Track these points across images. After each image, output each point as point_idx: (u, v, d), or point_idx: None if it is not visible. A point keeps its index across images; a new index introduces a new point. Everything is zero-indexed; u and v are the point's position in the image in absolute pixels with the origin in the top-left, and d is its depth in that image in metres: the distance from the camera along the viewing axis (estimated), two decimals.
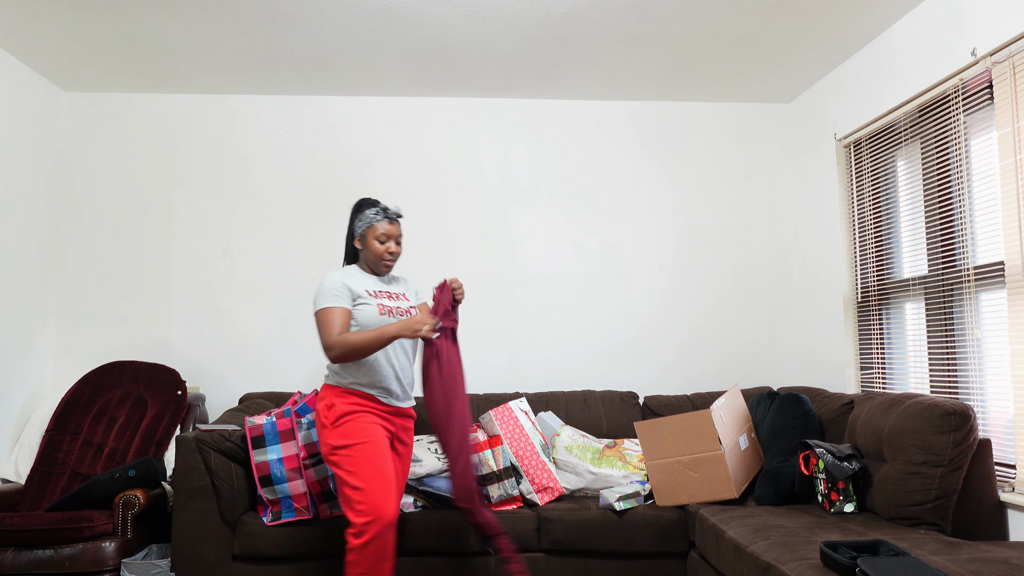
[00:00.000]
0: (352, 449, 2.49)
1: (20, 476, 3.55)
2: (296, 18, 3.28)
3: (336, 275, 2.63)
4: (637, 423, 3.19)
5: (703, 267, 4.27)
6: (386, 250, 2.68)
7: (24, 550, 2.94)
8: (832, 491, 2.82)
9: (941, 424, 2.56)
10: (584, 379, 4.16)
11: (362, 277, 2.69)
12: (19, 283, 3.72)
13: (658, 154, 4.31)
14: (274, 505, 2.97)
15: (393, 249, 2.69)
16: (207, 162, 4.13)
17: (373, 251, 2.67)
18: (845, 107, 3.77)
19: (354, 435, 2.52)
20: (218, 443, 3.01)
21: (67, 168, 4.08)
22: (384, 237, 2.67)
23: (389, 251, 2.68)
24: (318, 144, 4.17)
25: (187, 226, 4.09)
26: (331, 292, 2.58)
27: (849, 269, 3.78)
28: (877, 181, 3.57)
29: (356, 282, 2.65)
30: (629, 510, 3.06)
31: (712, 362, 4.22)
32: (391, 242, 2.69)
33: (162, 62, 3.72)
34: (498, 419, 3.37)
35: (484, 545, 2.70)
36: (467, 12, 3.25)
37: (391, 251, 2.68)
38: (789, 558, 2.20)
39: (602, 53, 3.66)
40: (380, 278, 2.75)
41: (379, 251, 2.67)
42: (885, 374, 3.53)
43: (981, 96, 2.87)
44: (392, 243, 2.69)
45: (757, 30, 3.44)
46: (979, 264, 2.88)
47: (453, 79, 3.98)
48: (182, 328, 4.04)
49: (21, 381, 3.74)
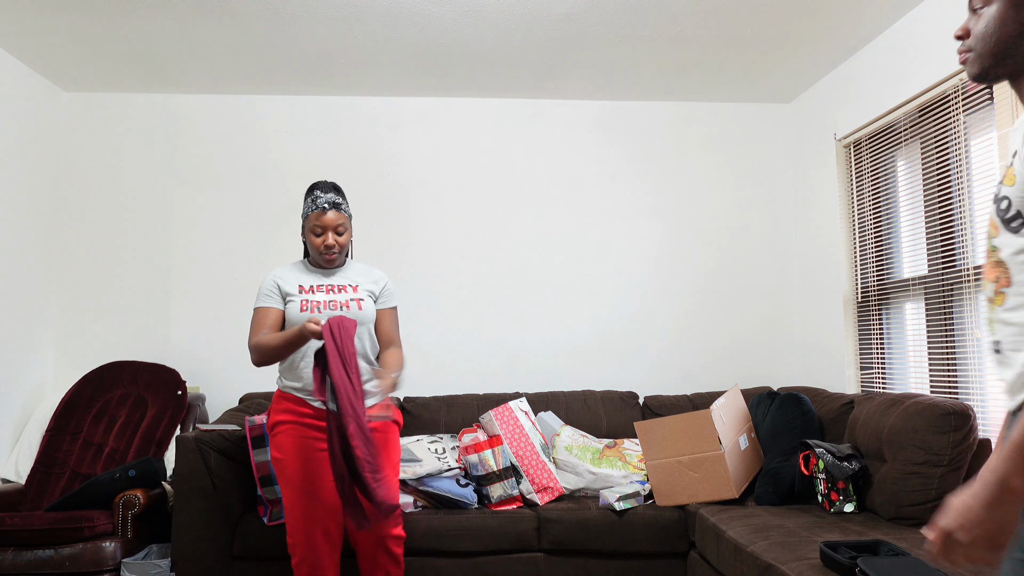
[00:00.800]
0: (282, 465, 2.37)
1: (20, 476, 3.55)
2: (296, 18, 3.28)
3: (271, 273, 2.50)
4: (637, 423, 3.19)
5: (703, 267, 4.27)
6: (322, 243, 2.43)
7: (24, 550, 2.94)
8: (832, 491, 2.82)
9: (941, 424, 2.56)
10: (584, 379, 4.16)
11: (299, 272, 2.52)
12: (19, 283, 3.72)
13: (658, 154, 4.31)
14: (274, 505, 2.97)
15: (330, 241, 2.43)
16: (207, 162, 4.13)
17: (311, 244, 2.46)
18: (845, 107, 3.77)
19: (281, 449, 2.38)
20: (218, 443, 3.00)
21: (67, 168, 4.08)
22: (318, 229, 2.43)
23: (325, 244, 2.43)
24: (318, 144, 4.17)
25: (187, 226, 4.09)
26: (261, 292, 2.47)
27: (849, 269, 3.78)
28: (877, 181, 3.57)
29: (290, 278, 2.48)
30: (629, 510, 3.06)
31: (712, 362, 4.22)
32: (328, 233, 2.43)
33: (162, 62, 3.72)
34: (498, 419, 3.37)
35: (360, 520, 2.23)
36: (467, 12, 3.25)
37: (327, 244, 2.43)
38: (789, 558, 2.20)
39: (602, 53, 3.66)
40: (325, 271, 2.54)
41: (315, 244, 2.44)
42: (885, 374, 3.53)
43: (981, 96, 2.87)
44: (329, 235, 2.43)
45: (757, 30, 3.44)
46: (979, 264, 2.88)
47: (453, 79, 3.98)
48: (182, 328, 4.04)
49: (21, 381, 3.74)
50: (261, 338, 2.35)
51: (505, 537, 3.00)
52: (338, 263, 2.52)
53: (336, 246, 2.45)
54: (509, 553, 3.02)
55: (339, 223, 2.45)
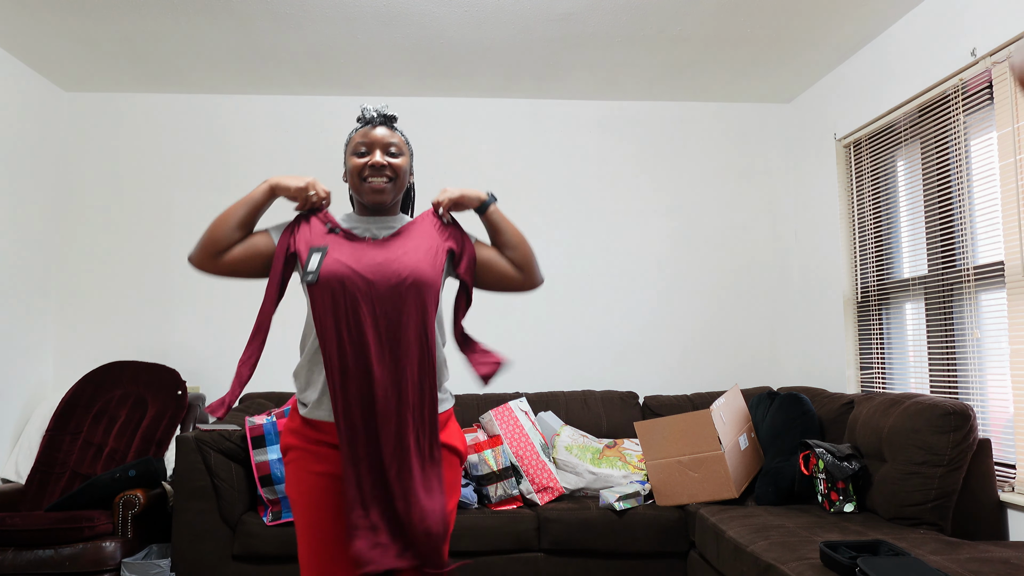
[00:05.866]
0: (292, 503, 1.72)
1: (20, 476, 3.55)
2: (296, 18, 3.28)
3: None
4: (637, 423, 3.19)
5: (703, 267, 4.27)
6: (365, 164, 1.74)
7: (24, 550, 2.94)
8: (832, 491, 2.82)
9: (941, 424, 2.56)
10: (584, 379, 4.16)
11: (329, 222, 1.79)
12: (19, 283, 3.72)
13: (658, 154, 4.31)
14: (274, 505, 2.97)
15: (376, 161, 1.73)
16: (207, 162, 4.13)
17: (351, 173, 1.77)
18: (845, 107, 3.77)
19: (289, 484, 1.72)
20: (218, 443, 3.01)
21: (67, 168, 4.08)
22: (361, 147, 1.75)
23: (370, 164, 1.73)
24: (318, 144, 4.17)
25: (187, 226, 4.09)
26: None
27: (849, 269, 3.78)
28: (877, 181, 3.57)
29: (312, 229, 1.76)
30: (629, 510, 3.06)
31: (712, 362, 4.22)
32: (376, 152, 1.74)
33: (162, 62, 3.73)
34: (498, 419, 3.37)
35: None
36: (467, 12, 3.25)
37: (373, 164, 1.73)
38: (789, 558, 2.20)
39: (602, 53, 3.66)
40: (369, 218, 1.82)
41: (356, 166, 1.75)
42: (885, 374, 3.53)
43: (981, 96, 2.87)
44: (377, 153, 1.74)
45: (757, 30, 3.44)
46: (979, 264, 2.88)
47: (453, 79, 3.98)
48: (182, 328, 4.04)
49: (21, 381, 3.74)
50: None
51: (505, 537, 3.00)
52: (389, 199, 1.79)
53: (383, 167, 1.74)
54: (509, 553, 3.02)
55: (392, 141, 1.77)
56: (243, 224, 1.72)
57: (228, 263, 1.72)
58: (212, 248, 1.70)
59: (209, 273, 1.72)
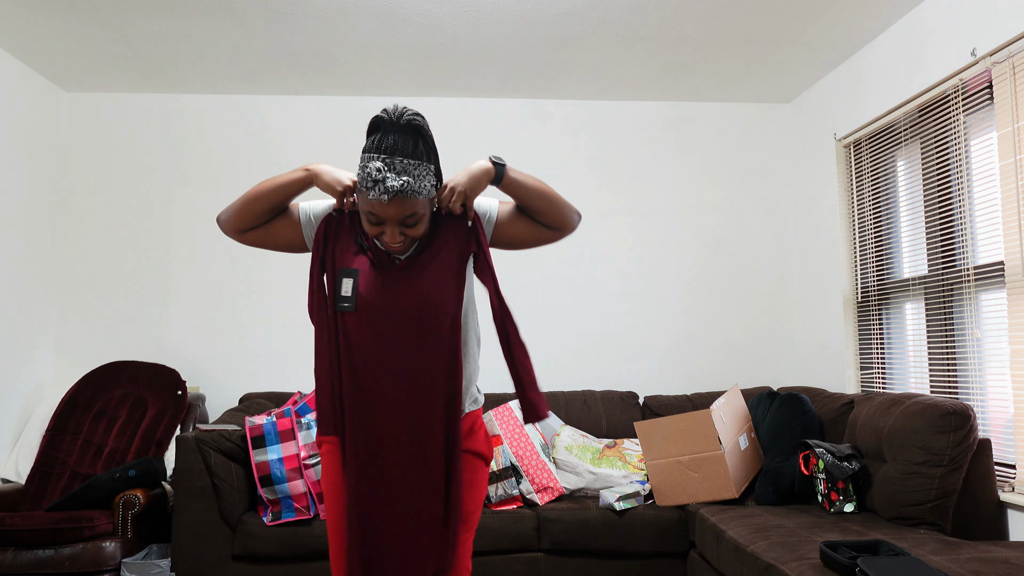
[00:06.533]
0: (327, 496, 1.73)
1: (20, 476, 3.55)
2: (296, 18, 3.28)
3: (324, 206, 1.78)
4: (637, 423, 3.19)
5: (703, 267, 4.27)
6: (378, 234, 1.63)
7: (24, 550, 2.94)
8: (832, 491, 2.82)
9: (941, 424, 2.56)
10: (584, 379, 4.15)
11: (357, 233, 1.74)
12: (19, 283, 3.72)
13: (658, 154, 4.31)
14: (274, 505, 2.97)
15: (389, 240, 1.61)
16: (207, 162, 4.13)
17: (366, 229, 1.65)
18: (845, 107, 3.77)
19: (325, 478, 1.73)
20: (218, 443, 3.01)
21: (67, 168, 4.08)
22: (373, 217, 1.59)
23: (384, 238, 1.63)
24: (318, 144, 4.17)
25: (187, 226, 4.09)
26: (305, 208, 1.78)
27: (849, 269, 3.78)
28: (877, 181, 3.57)
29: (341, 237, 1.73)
30: (629, 510, 3.06)
31: (712, 362, 4.22)
32: (389, 227, 1.59)
33: (162, 62, 3.73)
34: (498, 419, 3.37)
35: None
36: (467, 12, 3.25)
37: (387, 240, 1.62)
38: (789, 558, 2.20)
39: (602, 53, 3.66)
40: None
41: (372, 232, 1.64)
42: (885, 374, 3.53)
43: (981, 96, 2.87)
44: (390, 229, 1.59)
45: (757, 30, 3.44)
46: (979, 264, 2.88)
47: (453, 79, 3.98)
48: (182, 328, 4.04)
49: (21, 381, 3.74)
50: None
51: (505, 537, 3.00)
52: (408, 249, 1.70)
53: (397, 244, 1.63)
54: (509, 553, 3.02)
55: (406, 214, 1.58)
56: (273, 210, 1.74)
57: (252, 239, 1.78)
58: (239, 225, 1.74)
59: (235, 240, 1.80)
